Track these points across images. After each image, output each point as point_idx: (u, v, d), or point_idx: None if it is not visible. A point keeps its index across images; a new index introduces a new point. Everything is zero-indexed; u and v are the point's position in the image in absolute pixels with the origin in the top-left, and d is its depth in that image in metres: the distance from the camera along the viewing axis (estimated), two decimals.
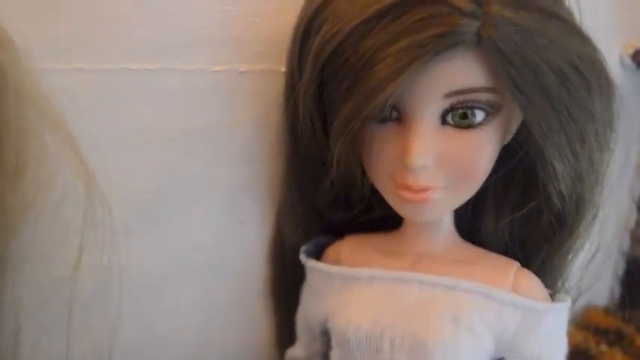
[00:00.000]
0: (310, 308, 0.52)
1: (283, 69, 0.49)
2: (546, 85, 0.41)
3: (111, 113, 0.48)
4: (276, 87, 0.51)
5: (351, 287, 0.49)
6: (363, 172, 0.47)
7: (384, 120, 0.44)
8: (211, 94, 0.51)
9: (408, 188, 0.44)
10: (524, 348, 0.46)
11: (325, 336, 0.52)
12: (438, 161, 0.43)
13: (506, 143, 0.46)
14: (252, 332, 0.59)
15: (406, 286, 0.47)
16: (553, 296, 0.49)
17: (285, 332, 0.57)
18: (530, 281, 0.47)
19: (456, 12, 0.39)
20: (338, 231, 0.54)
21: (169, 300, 0.54)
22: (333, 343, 0.48)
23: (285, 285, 0.56)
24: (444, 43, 0.39)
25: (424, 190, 0.44)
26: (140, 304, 0.53)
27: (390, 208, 0.48)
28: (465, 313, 0.45)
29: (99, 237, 0.46)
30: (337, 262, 0.52)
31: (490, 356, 0.47)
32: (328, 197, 0.50)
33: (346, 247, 0.52)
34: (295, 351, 0.55)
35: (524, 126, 0.45)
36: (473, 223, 0.51)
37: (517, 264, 0.48)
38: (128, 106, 0.49)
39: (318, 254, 0.54)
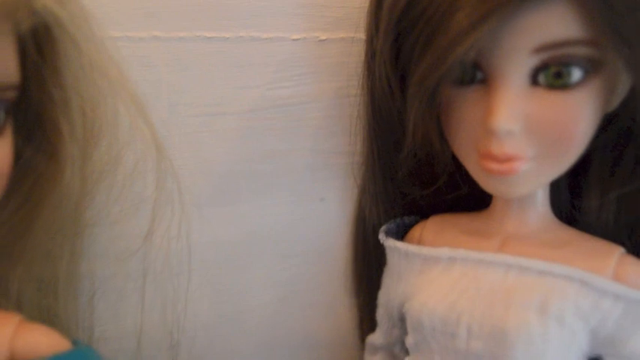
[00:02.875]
0: (390, 291, 0.49)
1: (364, 37, 0.47)
2: None
3: (187, 82, 0.48)
4: (357, 56, 0.48)
5: (431, 269, 0.45)
6: (446, 143, 0.43)
7: (467, 82, 0.40)
8: (290, 63, 0.49)
9: (493, 158, 0.39)
10: (627, 345, 0.40)
11: (404, 322, 0.48)
12: (526, 126, 0.38)
13: (612, 110, 0.41)
14: (332, 315, 0.56)
15: (490, 268, 0.43)
16: None
17: (365, 317, 0.54)
18: (636, 269, 0.41)
19: None
20: (423, 212, 0.50)
21: (246, 277, 0.53)
22: (408, 327, 0.45)
23: (367, 267, 0.53)
24: None
25: (511, 159, 0.39)
26: (216, 280, 0.52)
27: (477, 185, 0.43)
28: (555, 302, 0.40)
29: (170, 210, 0.45)
30: (420, 243, 0.48)
31: (584, 351, 0.41)
32: (408, 170, 0.47)
33: (430, 227, 0.48)
34: (375, 338, 0.51)
35: (632, 88, 0.39)
36: (573, 204, 0.46)
37: (621, 249, 0.42)
38: (204, 76, 0.48)
39: (401, 235, 0.50)
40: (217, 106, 0.49)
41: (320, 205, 0.53)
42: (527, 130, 0.39)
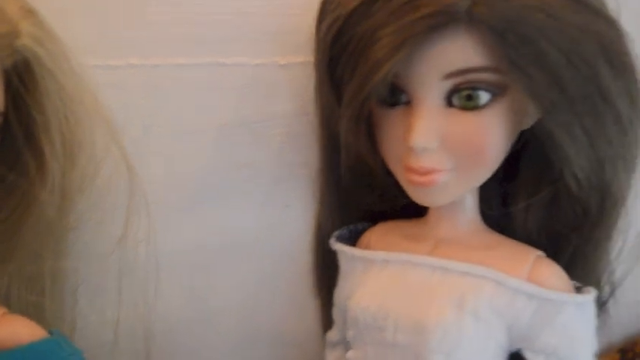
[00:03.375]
0: (340, 291, 0.54)
1: None
2: (549, 63, 0.40)
3: (160, 105, 0.54)
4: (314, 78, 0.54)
5: (370, 270, 0.50)
6: (379, 157, 0.48)
7: (394, 104, 0.45)
8: (253, 86, 0.55)
9: (414, 171, 0.45)
10: (539, 340, 0.45)
11: None
12: (443, 143, 0.43)
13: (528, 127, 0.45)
14: (298, 314, 0.61)
15: (418, 269, 0.47)
16: (580, 289, 0.47)
17: (326, 316, 0.59)
18: (548, 270, 0.46)
19: None
20: (376, 219, 0.55)
21: (218, 278, 0.59)
22: (348, 322, 0.50)
23: (326, 270, 0.58)
24: (434, 23, 0.40)
25: (429, 172, 0.44)
26: (188, 281, 0.58)
27: None
28: (472, 299, 0.45)
29: (142, 217, 0.51)
30: (368, 247, 0.53)
31: (502, 346, 0.46)
32: (349, 183, 0.52)
33: (376, 232, 0.54)
34: (332, 335, 0.56)
35: None
36: (504, 212, 0.50)
37: (538, 253, 0.47)
38: (175, 99, 0.54)
39: (354, 240, 0.55)
40: (188, 126, 0.55)
41: (285, 211, 0.59)
42: (443, 146, 0.44)
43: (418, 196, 0.46)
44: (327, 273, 0.58)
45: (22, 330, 0.44)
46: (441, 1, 0.39)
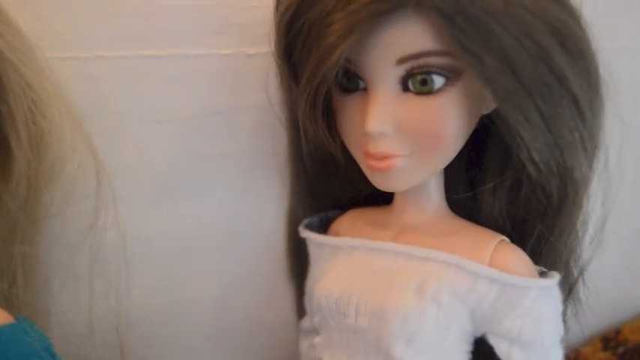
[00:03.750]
0: (310, 278, 0.54)
1: None
2: (499, 47, 0.39)
3: (131, 96, 0.54)
4: None
5: (336, 256, 0.50)
6: (339, 143, 0.48)
7: (352, 90, 0.45)
8: (222, 76, 0.55)
9: (371, 156, 0.45)
10: (502, 324, 0.45)
11: None
12: (399, 128, 0.43)
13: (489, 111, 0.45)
14: (273, 302, 0.62)
15: (382, 255, 0.48)
16: (545, 274, 0.47)
17: (300, 304, 0.59)
18: (510, 255, 0.46)
19: None
20: (346, 206, 0.55)
21: (192, 267, 0.59)
22: (314, 308, 0.50)
23: (298, 258, 0.58)
24: (381, 8, 0.39)
25: (387, 157, 0.44)
26: (161, 269, 0.58)
27: None
28: (432, 284, 0.45)
29: (110, 208, 0.52)
30: (337, 234, 0.53)
31: (467, 331, 0.46)
32: (315, 171, 0.52)
33: (345, 220, 0.54)
34: (305, 322, 0.57)
35: None
36: (469, 198, 0.50)
37: (501, 237, 0.47)
38: (146, 90, 0.55)
39: (325, 228, 0.55)
40: (159, 115, 0.55)
41: (258, 200, 0.59)
42: (399, 131, 0.43)
43: (378, 182, 0.46)
44: (299, 261, 0.58)
45: None
46: None
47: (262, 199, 0.59)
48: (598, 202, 0.50)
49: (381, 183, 0.46)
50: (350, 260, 0.49)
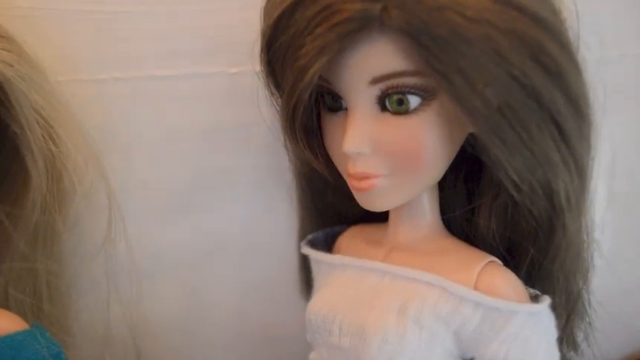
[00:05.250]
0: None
1: None
2: (467, 66, 0.38)
3: (144, 115, 0.57)
4: None
5: (331, 273, 0.50)
6: (326, 161, 0.48)
7: (336, 109, 0.45)
8: (231, 93, 0.57)
9: (352, 176, 0.44)
10: (488, 349, 0.43)
11: None
12: (377, 148, 0.43)
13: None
14: (288, 312, 0.62)
15: (370, 274, 0.47)
16: (538, 298, 0.45)
17: None
18: (497, 277, 0.44)
19: None
20: (352, 222, 0.55)
21: (208, 277, 0.61)
22: (306, 324, 0.50)
23: (307, 272, 0.59)
24: (346, 30, 0.39)
25: (367, 177, 0.44)
26: (178, 279, 0.61)
27: None
28: (415, 305, 0.44)
29: (124, 222, 0.55)
30: (339, 251, 0.53)
31: (452, 354, 0.45)
32: (311, 185, 0.52)
33: (347, 236, 0.54)
34: (308, 336, 0.57)
35: None
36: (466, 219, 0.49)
37: (490, 259, 0.45)
38: (158, 109, 0.57)
39: (330, 243, 0.56)
40: (172, 133, 0.57)
41: (269, 214, 0.60)
42: (377, 151, 0.43)
43: (361, 201, 0.46)
44: (309, 275, 0.59)
45: (2, 322, 0.48)
46: (352, 8, 0.39)
47: (274, 213, 0.60)
48: (608, 224, 0.47)
49: (364, 202, 0.46)
50: (341, 278, 0.49)
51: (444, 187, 0.49)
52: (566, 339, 0.49)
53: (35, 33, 0.52)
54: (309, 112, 0.45)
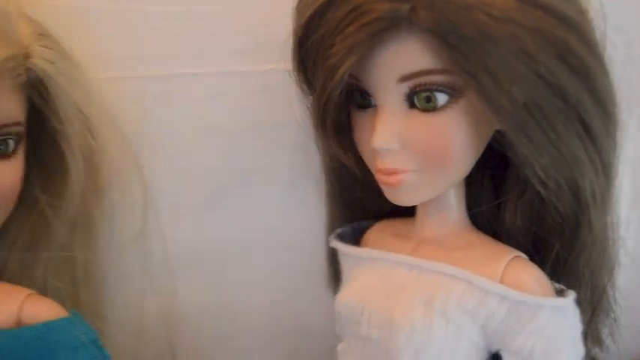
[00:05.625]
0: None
1: None
2: (494, 64, 0.39)
3: (178, 112, 0.59)
4: None
5: (359, 267, 0.52)
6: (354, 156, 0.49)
7: (365, 106, 0.47)
8: (263, 92, 0.59)
9: (381, 171, 0.46)
10: (514, 342, 0.44)
11: None
12: (405, 144, 0.44)
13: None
14: (319, 307, 0.63)
15: (398, 267, 0.48)
16: (563, 292, 0.46)
17: None
18: (523, 271, 0.45)
19: None
20: (380, 216, 0.56)
21: (239, 272, 0.63)
22: (335, 315, 0.52)
23: (337, 265, 0.60)
24: (375, 30, 0.41)
25: (395, 172, 0.45)
26: (212, 274, 0.62)
27: None
28: (440, 298, 0.45)
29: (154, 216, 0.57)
30: (367, 244, 0.55)
31: (479, 346, 0.46)
32: (340, 181, 0.54)
33: (375, 231, 0.55)
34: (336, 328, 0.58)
35: None
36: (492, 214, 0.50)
37: (516, 254, 0.46)
38: (192, 106, 0.59)
39: (358, 237, 0.57)
40: (206, 130, 0.59)
41: (302, 209, 0.62)
42: (405, 147, 0.44)
43: (390, 195, 0.47)
44: (337, 269, 0.60)
45: (42, 309, 0.49)
46: (381, 8, 0.40)
47: (304, 209, 0.62)
48: (634, 221, 0.48)
49: (392, 196, 0.47)
50: (370, 271, 0.50)
51: (471, 182, 0.50)
52: (591, 335, 0.50)
53: (72, 31, 0.53)
54: (339, 109, 0.46)
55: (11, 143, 0.49)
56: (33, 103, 0.51)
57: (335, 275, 0.61)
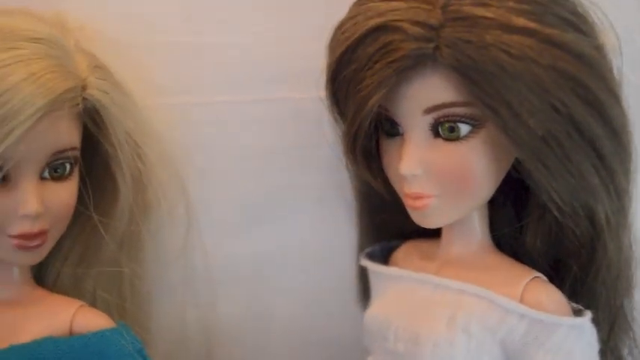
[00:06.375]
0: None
1: None
2: (512, 99, 0.42)
3: (218, 136, 0.63)
4: None
5: (388, 284, 0.55)
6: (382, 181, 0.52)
7: (393, 135, 0.50)
8: (297, 117, 0.63)
9: (407, 196, 0.49)
10: (533, 359, 0.47)
11: None
12: (429, 171, 0.48)
13: None
14: (351, 321, 0.66)
15: (424, 286, 0.51)
16: (580, 312, 0.48)
17: None
18: (542, 291, 0.48)
19: (409, 38, 0.44)
20: (409, 236, 0.59)
21: (277, 287, 0.67)
22: (363, 330, 0.55)
23: (366, 283, 0.63)
24: (402, 66, 0.44)
25: (420, 197, 0.48)
26: (249, 288, 0.66)
27: None
28: (463, 315, 0.48)
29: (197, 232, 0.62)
30: (395, 264, 0.58)
31: None
32: (369, 202, 0.57)
33: (402, 251, 0.58)
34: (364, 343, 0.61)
35: None
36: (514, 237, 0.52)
37: (535, 274, 0.49)
38: (231, 130, 0.63)
39: (386, 256, 0.60)
40: (244, 152, 0.63)
41: (331, 227, 0.65)
42: (429, 174, 0.48)
43: (416, 218, 0.51)
44: (366, 285, 0.63)
45: (93, 320, 0.53)
46: (408, 47, 0.44)
47: (336, 226, 0.65)
48: None
49: (419, 219, 0.50)
50: (397, 289, 0.53)
51: (494, 206, 0.53)
52: (610, 353, 0.52)
53: (122, 62, 0.58)
54: (369, 138, 0.50)
55: (68, 166, 0.53)
56: (86, 129, 0.55)
57: (364, 292, 0.64)
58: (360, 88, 0.46)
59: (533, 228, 0.50)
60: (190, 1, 0.62)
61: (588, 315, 0.47)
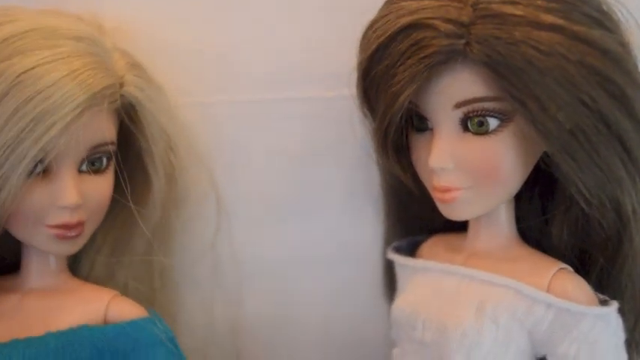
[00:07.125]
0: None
1: None
2: (540, 93, 0.44)
3: (246, 134, 0.65)
4: None
5: (414, 276, 0.56)
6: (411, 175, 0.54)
7: (422, 129, 0.51)
8: (326, 115, 0.64)
9: (437, 189, 0.50)
10: (559, 348, 0.48)
11: None
12: (458, 164, 0.49)
13: None
14: (377, 316, 0.67)
15: (450, 277, 0.53)
16: (606, 302, 0.49)
17: None
18: (568, 282, 0.49)
19: (441, 35, 0.45)
20: (436, 231, 0.61)
21: (304, 282, 0.68)
22: (391, 321, 0.56)
23: (392, 276, 0.64)
24: (433, 62, 0.46)
25: (449, 190, 0.49)
26: (276, 284, 0.67)
27: None
28: (491, 305, 0.49)
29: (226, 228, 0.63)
30: (421, 256, 0.59)
31: (525, 351, 0.50)
32: (398, 197, 0.58)
33: (429, 244, 0.59)
34: (392, 334, 0.62)
35: None
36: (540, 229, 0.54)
37: (562, 266, 0.50)
38: (259, 128, 0.65)
39: (413, 250, 0.61)
40: (271, 150, 0.65)
41: (358, 224, 0.66)
42: (458, 167, 0.49)
43: (444, 211, 0.52)
44: (392, 279, 0.64)
45: (126, 308, 0.55)
46: (439, 43, 0.45)
47: (363, 222, 0.66)
48: None
49: (447, 212, 0.52)
50: (424, 280, 0.55)
51: (521, 198, 0.54)
52: (636, 345, 0.53)
53: (157, 62, 0.60)
54: (399, 132, 0.51)
55: (105, 160, 0.55)
56: (122, 124, 0.57)
57: (390, 285, 0.66)
58: (392, 83, 0.48)
59: (559, 220, 0.51)
60: (221, 2, 0.64)
61: (615, 305, 0.48)
